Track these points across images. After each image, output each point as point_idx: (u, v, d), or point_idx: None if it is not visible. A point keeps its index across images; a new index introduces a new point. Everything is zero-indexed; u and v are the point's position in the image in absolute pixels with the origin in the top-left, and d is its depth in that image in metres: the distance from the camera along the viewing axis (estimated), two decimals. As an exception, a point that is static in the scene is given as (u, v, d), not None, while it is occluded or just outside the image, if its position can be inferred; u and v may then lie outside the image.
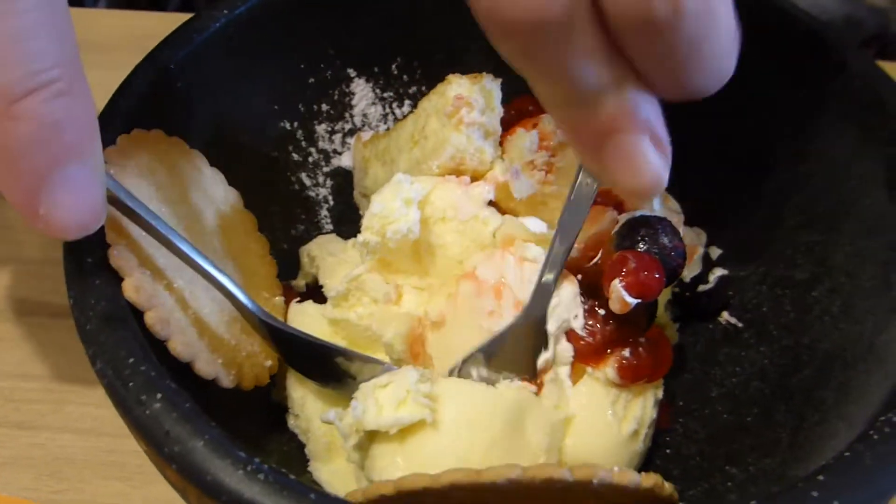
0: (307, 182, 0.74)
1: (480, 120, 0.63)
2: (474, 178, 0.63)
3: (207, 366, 0.50)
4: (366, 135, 0.74)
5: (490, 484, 0.40)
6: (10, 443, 0.65)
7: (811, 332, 0.62)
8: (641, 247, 0.56)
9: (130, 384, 0.42)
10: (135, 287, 0.47)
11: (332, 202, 0.75)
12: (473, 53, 0.77)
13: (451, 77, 0.65)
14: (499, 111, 0.64)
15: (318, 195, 0.74)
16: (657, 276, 0.53)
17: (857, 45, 0.65)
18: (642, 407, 0.57)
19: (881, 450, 0.41)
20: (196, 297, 0.52)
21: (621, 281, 0.53)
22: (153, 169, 0.53)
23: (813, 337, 0.61)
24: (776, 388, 0.61)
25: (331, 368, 0.58)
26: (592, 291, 0.58)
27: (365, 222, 0.59)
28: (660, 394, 0.59)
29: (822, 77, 0.64)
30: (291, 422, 0.61)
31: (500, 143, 0.65)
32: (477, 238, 0.61)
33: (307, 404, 0.58)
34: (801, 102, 0.66)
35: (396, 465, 0.50)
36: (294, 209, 0.73)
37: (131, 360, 0.43)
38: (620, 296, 0.53)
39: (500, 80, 0.66)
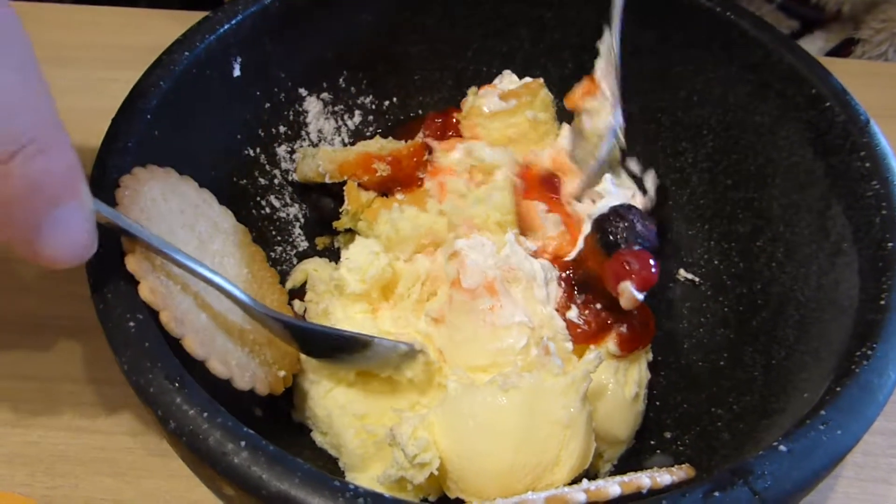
0: (277, 204, 0.75)
1: None
2: None
3: (221, 365, 0.52)
4: None
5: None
6: (5, 440, 0.66)
7: (761, 279, 0.70)
8: (626, 243, 0.62)
9: (210, 438, 0.44)
10: (150, 289, 0.49)
11: (302, 220, 0.77)
12: (414, 58, 0.81)
13: None
14: None
15: (288, 215, 0.76)
16: (654, 268, 0.60)
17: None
18: (639, 371, 0.63)
19: (864, 380, 0.48)
20: (208, 303, 0.54)
21: (632, 283, 0.59)
22: (166, 197, 0.56)
23: (763, 282, 0.70)
24: (740, 332, 0.69)
25: (339, 350, 0.60)
26: (584, 287, 0.64)
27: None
28: (650, 356, 0.66)
29: (742, 53, 0.71)
30: (319, 439, 0.63)
31: None
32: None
33: (334, 421, 0.61)
34: (724, 77, 0.74)
35: (454, 490, 0.55)
36: (269, 232, 0.74)
37: (205, 414, 0.45)
38: (632, 295, 0.59)
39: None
